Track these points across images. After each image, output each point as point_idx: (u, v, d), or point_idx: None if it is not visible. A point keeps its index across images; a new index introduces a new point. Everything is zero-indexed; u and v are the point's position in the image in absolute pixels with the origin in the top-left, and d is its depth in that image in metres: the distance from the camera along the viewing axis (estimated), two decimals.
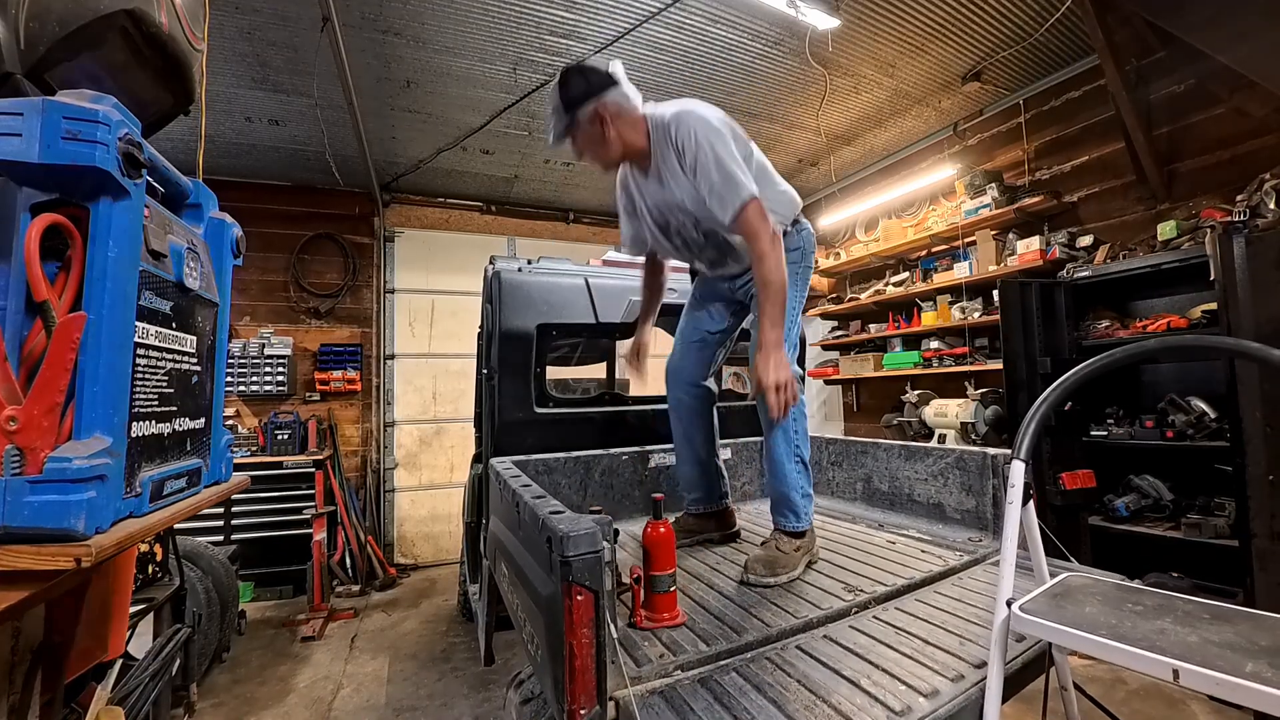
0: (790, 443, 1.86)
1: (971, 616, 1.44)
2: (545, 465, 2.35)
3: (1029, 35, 3.42)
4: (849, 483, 2.65)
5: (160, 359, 1.11)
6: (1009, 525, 1.15)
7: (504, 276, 2.41)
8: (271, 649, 3.56)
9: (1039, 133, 4.00)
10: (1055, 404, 1.25)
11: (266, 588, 4.45)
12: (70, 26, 1.05)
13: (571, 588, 1.00)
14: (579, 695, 0.99)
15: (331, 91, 3.59)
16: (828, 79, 3.83)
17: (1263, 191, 2.78)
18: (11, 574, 0.83)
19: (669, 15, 3.16)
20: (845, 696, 1.09)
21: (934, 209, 4.75)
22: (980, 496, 2.04)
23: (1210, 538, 2.71)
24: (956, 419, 3.90)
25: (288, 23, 3.05)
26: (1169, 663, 0.84)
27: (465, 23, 3.16)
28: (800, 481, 1.85)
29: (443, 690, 3.02)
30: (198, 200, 1.37)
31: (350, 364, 5.11)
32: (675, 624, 1.41)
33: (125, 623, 1.58)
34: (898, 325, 4.81)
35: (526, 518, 1.30)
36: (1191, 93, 3.21)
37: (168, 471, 1.13)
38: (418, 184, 5.38)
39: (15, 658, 1.09)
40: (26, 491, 0.82)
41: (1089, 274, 3.28)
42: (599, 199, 5.89)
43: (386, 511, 5.31)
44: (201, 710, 2.79)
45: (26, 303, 0.88)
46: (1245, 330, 2.46)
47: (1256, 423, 2.42)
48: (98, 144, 0.89)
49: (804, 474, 1.86)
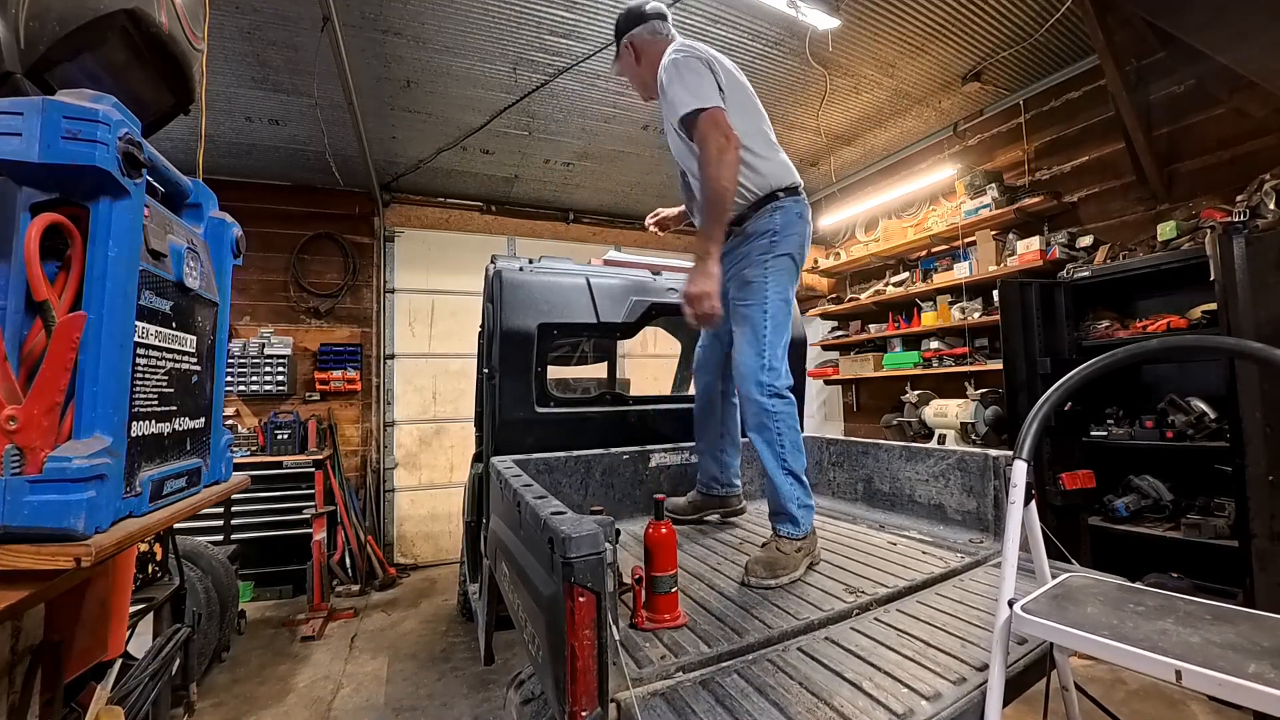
0: (777, 456, 1.81)
1: (973, 618, 1.43)
2: (546, 464, 2.35)
3: (1029, 35, 3.42)
4: (850, 484, 2.65)
5: (160, 359, 1.10)
6: (1011, 526, 1.15)
7: (505, 276, 2.41)
8: (271, 649, 3.56)
9: (1039, 133, 4.00)
10: (1057, 404, 1.24)
11: (266, 587, 4.44)
12: (70, 26, 1.05)
13: (573, 589, 0.99)
14: (580, 696, 0.99)
15: (331, 91, 3.59)
16: (828, 79, 3.83)
17: (1262, 192, 2.78)
18: (11, 573, 0.82)
19: (670, 15, 3.15)
20: (847, 699, 1.09)
21: (934, 209, 4.75)
22: (981, 498, 2.04)
23: (1210, 538, 2.71)
24: (956, 419, 3.90)
25: (288, 22, 3.04)
26: (1171, 663, 0.84)
27: (465, 22, 3.16)
28: (795, 493, 1.80)
29: (442, 690, 3.02)
30: (198, 200, 1.37)
31: (350, 364, 5.11)
32: (676, 625, 1.40)
33: (125, 622, 1.57)
34: (898, 325, 4.81)
35: (528, 518, 1.30)
36: (1191, 93, 3.21)
37: (167, 471, 1.12)
38: (418, 184, 5.38)
39: (15, 657, 1.09)
40: (26, 491, 0.82)
41: (1089, 274, 3.28)
42: (599, 199, 5.89)
43: (386, 511, 5.30)
44: (201, 710, 2.79)
45: (26, 302, 0.88)
46: (1245, 330, 2.46)
47: (1256, 423, 2.42)
48: (98, 143, 0.89)
49: (798, 486, 1.81)
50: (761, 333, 1.81)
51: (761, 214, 1.87)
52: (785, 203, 1.88)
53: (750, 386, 1.82)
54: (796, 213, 1.89)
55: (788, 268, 1.87)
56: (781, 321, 1.84)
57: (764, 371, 1.80)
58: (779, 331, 1.83)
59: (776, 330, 1.82)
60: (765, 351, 1.80)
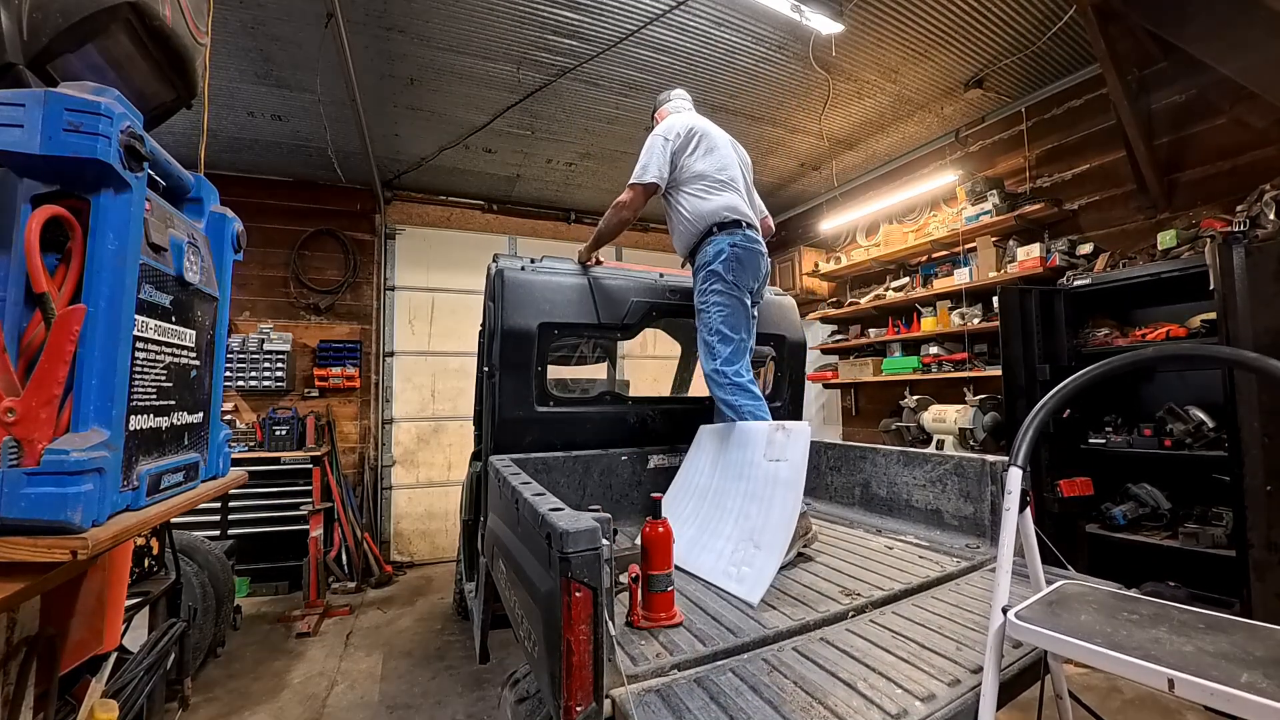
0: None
1: (968, 622, 1.44)
2: (544, 464, 2.35)
3: (1031, 43, 3.43)
4: (847, 487, 2.65)
5: (159, 353, 1.10)
6: (1006, 532, 1.15)
7: (507, 275, 2.41)
8: (266, 644, 3.55)
9: (1040, 140, 4.01)
10: (1053, 411, 1.25)
11: (262, 583, 4.44)
12: (73, 17, 1.04)
13: (570, 584, 1.00)
14: (575, 692, 0.99)
15: (335, 87, 3.59)
16: (830, 83, 3.84)
17: (1263, 202, 2.78)
18: (7, 565, 0.82)
19: (673, 17, 3.16)
20: (841, 699, 1.09)
21: (935, 215, 4.75)
22: (978, 503, 2.04)
23: (1207, 547, 2.71)
24: (955, 424, 3.90)
25: (292, 18, 3.05)
26: (1164, 672, 0.84)
27: (470, 21, 3.17)
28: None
29: (437, 688, 3.01)
30: (199, 194, 1.37)
31: (349, 360, 5.11)
32: (673, 624, 1.41)
33: (121, 616, 1.57)
34: (897, 330, 4.81)
35: (526, 514, 1.30)
36: (1192, 103, 3.22)
37: (165, 465, 1.12)
38: (419, 181, 5.38)
39: (10, 649, 1.09)
40: (24, 483, 0.82)
41: (1089, 282, 3.28)
42: (600, 199, 5.90)
43: (383, 508, 5.30)
44: (195, 704, 2.78)
45: (26, 294, 0.87)
46: (1244, 340, 2.46)
47: (1254, 433, 2.42)
48: (99, 136, 0.89)
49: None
50: (712, 345, 2.28)
51: (701, 247, 2.37)
52: (716, 236, 2.32)
53: (714, 389, 2.27)
54: (729, 242, 2.29)
55: (721, 289, 2.29)
56: (726, 334, 2.26)
57: (719, 374, 2.24)
58: (726, 342, 2.26)
59: (724, 341, 2.26)
60: (717, 359, 2.25)
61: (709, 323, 2.29)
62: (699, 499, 2.14)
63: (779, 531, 1.69)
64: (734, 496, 1.96)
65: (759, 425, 2.07)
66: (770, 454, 1.90)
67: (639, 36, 3.31)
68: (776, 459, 1.86)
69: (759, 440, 1.99)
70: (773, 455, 1.89)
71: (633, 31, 3.27)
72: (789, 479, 1.78)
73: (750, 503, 1.87)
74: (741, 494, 1.93)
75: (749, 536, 1.76)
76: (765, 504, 1.80)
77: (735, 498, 1.95)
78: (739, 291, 2.31)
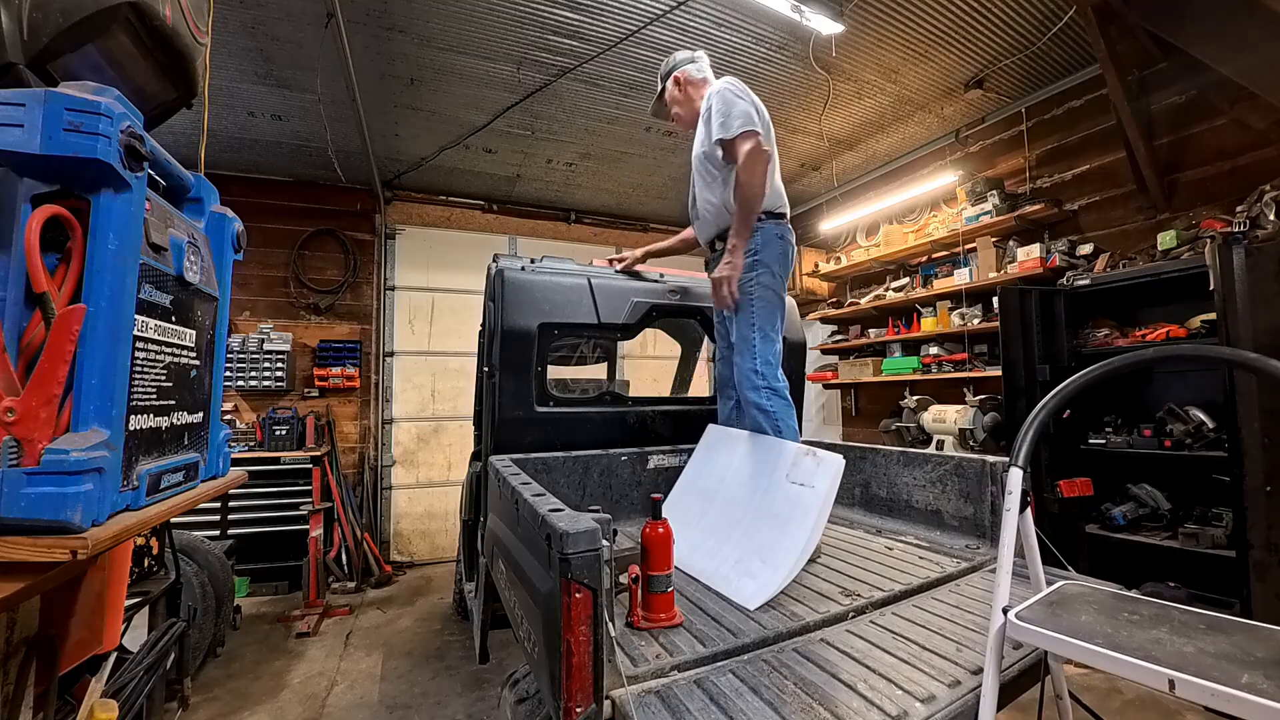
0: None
1: (968, 623, 1.43)
2: (544, 464, 2.35)
3: (1031, 44, 3.43)
4: (847, 488, 2.64)
5: (159, 352, 1.10)
6: (1006, 532, 1.15)
7: (507, 275, 2.41)
8: (266, 644, 3.55)
9: (1040, 141, 4.01)
10: (1053, 411, 1.25)
11: (262, 583, 4.44)
12: (74, 17, 1.05)
13: (570, 585, 1.00)
14: (575, 693, 0.99)
15: (335, 87, 3.59)
16: (831, 84, 3.84)
17: (1263, 203, 2.78)
18: (7, 565, 0.82)
19: (673, 18, 3.16)
20: (842, 700, 1.09)
21: (935, 215, 4.75)
22: (978, 504, 2.04)
23: (1207, 548, 2.71)
24: (955, 425, 3.90)
25: (292, 18, 3.05)
26: (1164, 673, 0.84)
27: (470, 21, 3.16)
28: None
29: (436, 688, 3.01)
30: (199, 194, 1.37)
31: (349, 360, 5.11)
32: (672, 624, 1.40)
33: (120, 615, 1.57)
34: (897, 330, 4.81)
35: (526, 515, 1.30)
36: (1192, 104, 3.22)
37: (165, 465, 1.12)
38: (420, 181, 5.38)
39: (10, 649, 1.09)
40: (24, 483, 0.82)
41: (1089, 282, 3.28)
42: (600, 200, 5.90)
43: (383, 508, 5.30)
44: (195, 704, 2.78)
45: (26, 294, 0.87)
46: (1244, 340, 2.46)
47: (1254, 433, 2.42)
48: (99, 136, 0.89)
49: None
50: (753, 342, 2.08)
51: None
52: (766, 224, 2.12)
53: (747, 390, 2.08)
54: (776, 234, 2.13)
55: (768, 284, 2.12)
56: (769, 333, 2.09)
57: (757, 375, 2.05)
58: (767, 341, 2.08)
59: (765, 340, 2.08)
60: (756, 358, 2.06)
61: (751, 318, 2.09)
62: (705, 501, 2.10)
63: (790, 553, 1.63)
64: (746, 509, 1.89)
65: (787, 444, 1.93)
66: (794, 476, 1.81)
67: (639, 36, 3.31)
68: (800, 483, 1.77)
69: (784, 459, 1.88)
70: (796, 479, 1.79)
71: (633, 32, 3.27)
72: (814, 507, 1.68)
73: (764, 519, 1.79)
74: (755, 508, 1.86)
75: (757, 551, 1.70)
76: (782, 524, 1.72)
77: (748, 511, 1.88)
78: (783, 289, 2.18)
